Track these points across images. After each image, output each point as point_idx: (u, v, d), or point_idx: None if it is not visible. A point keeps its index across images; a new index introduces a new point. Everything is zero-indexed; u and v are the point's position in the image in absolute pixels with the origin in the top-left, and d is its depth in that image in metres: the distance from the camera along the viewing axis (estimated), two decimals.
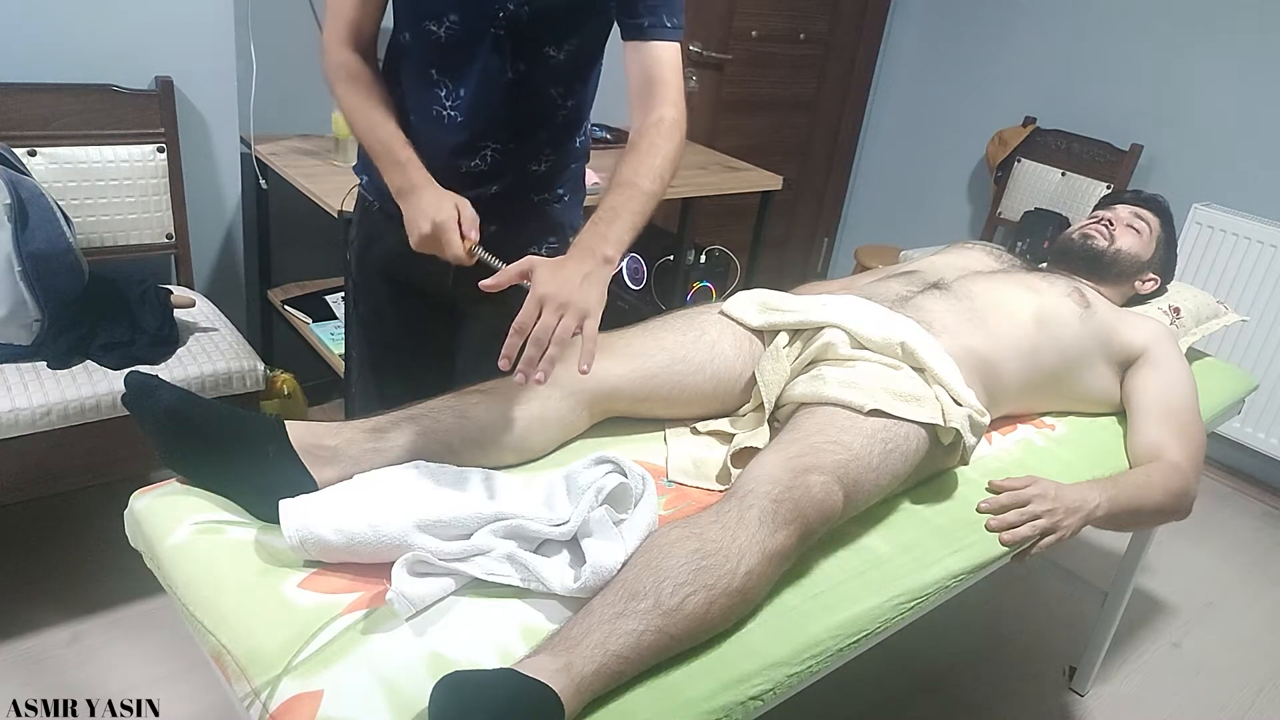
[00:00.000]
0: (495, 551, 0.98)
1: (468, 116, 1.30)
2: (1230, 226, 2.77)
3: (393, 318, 1.50)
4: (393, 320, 1.51)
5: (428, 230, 1.18)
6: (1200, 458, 1.44)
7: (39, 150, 1.86)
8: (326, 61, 1.30)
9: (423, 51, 1.28)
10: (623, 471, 1.06)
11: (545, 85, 1.32)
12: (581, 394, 1.23)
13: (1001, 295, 1.50)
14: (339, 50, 1.29)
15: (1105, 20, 3.04)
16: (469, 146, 1.32)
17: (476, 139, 1.32)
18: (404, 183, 1.23)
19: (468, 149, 1.32)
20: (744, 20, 3.18)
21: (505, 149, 1.34)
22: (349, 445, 1.07)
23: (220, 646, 0.89)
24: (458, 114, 1.30)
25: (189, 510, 1.02)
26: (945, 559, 1.17)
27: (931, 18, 3.53)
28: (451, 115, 1.30)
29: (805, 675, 0.99)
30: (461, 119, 1.30)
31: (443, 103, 1.30)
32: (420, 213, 1.19)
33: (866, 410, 1.19)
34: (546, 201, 1.42)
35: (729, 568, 0.96)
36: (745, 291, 1.47)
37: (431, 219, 1.18)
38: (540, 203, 1.41)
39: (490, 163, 1.34)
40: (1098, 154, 3.02)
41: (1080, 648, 2.05)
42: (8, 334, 1.69)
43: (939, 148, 3.57)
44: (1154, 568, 2.49)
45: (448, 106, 1.30)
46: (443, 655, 0.89)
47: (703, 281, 2.90)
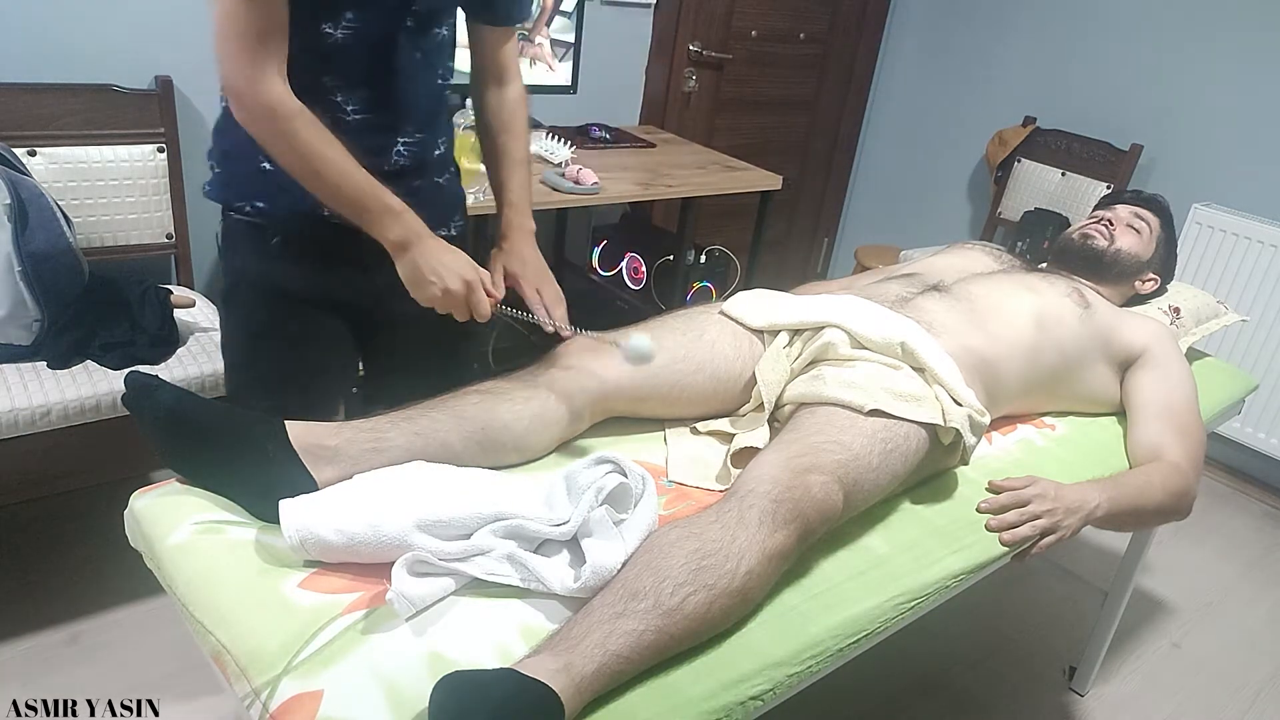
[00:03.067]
0: (495, 551, 0.98)
1: (376, 114, 1.26)
2: (1230, 226, 2.77)
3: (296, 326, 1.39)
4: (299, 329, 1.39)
5: (459, 289, 1.18)
6: (1200, 458, 1.44)
7: (39, 150, 1.86)
8: (256, 97, 1.11)
9: (312, 59, 1.18)
10: (623, 471, 1.06)
11: (437, 66, 1.33)
12: (582, 394, 1.23)
13: (1001, 296, 1.50)
14: (274, 82, 1.11)
15: (1105, 20, 3.04)
16: (382, 145, 1.28)
17: (388, 135, 1.29)
18: (406, 234, 1.19)
19: (381, 148, 1.28)
20: (744, 20, 3.18)
21: (414, 138, 1.32)
22: (349, 445, 1.07)
23: (220, 646, 0.89)
24: (364, 115, 1.25)
25: (189, 510, 1.02)
26: (945, 559, 1.17)
27: (931, 17, 3.53)
28: (356, 119, 1.25)
29: (805, 675, 0.99)
30: (370, 118, 1.26)
31: (343, 108, 1.23)
32: (445, 269, 1.18)
33: (866, 410, 1.19)
34: (450, 180, 1.44)
35: (729, 568, 0.96)
36: (745, 291, 1.47)
37: (462, 278, 1.18)
38: (446, 183, 1.42)
39: (407, 156, 1.32)
40: (1098, 154, 3.02)
41: (1080, 648, 2.05)
42: (8, 334, 1.69)
43: (939, 148, 3.57)
44: (1154, 568, 2.49)
45: (349, 111, 1.24)
46: (443, 655, 0.89)
47: (703, 281, 2.90)
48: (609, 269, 2.92)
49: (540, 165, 2.33)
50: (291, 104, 1.13)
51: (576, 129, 2.68)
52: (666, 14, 2.98)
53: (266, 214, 1.29)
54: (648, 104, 3.09)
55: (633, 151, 2.65)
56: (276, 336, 1.38)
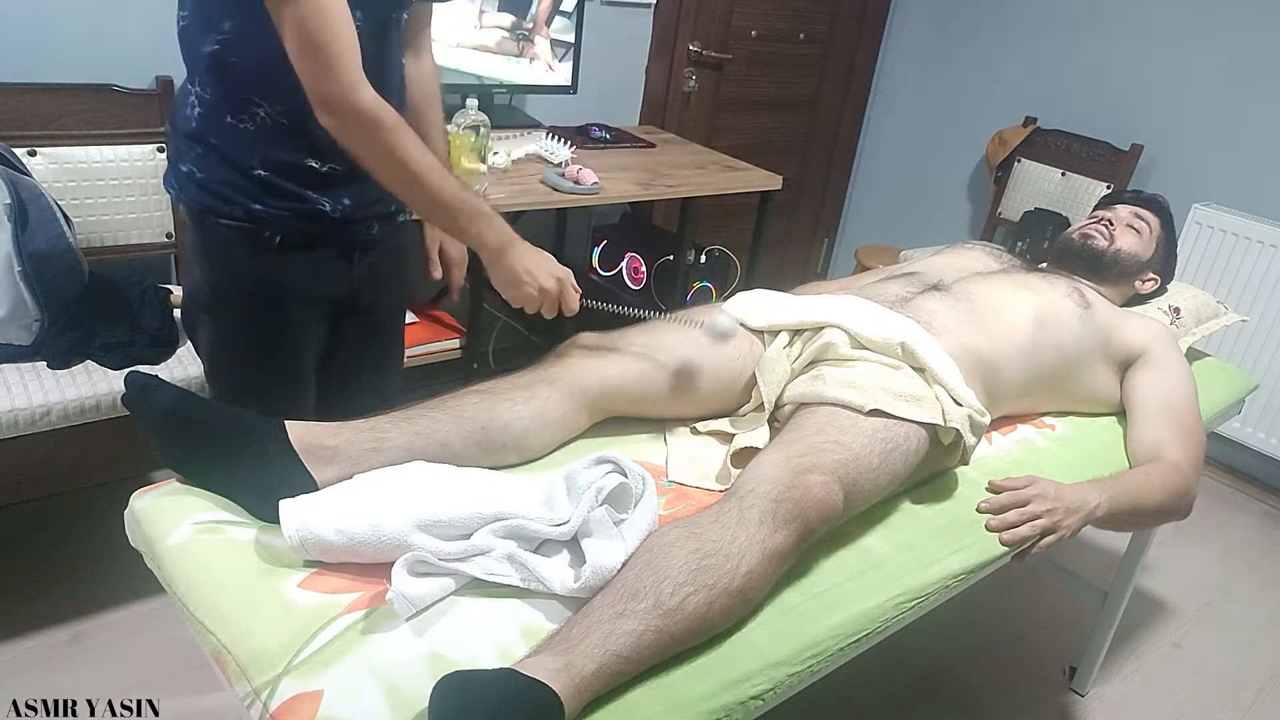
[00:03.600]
0: (495, 551, 0.98)
1: None
2: (1230, 226, 2.77)
3: (288, 325, 1.39)
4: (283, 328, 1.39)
5: (553, 288, 1.22)
6: (1200, 458, 1.44)
7: (39, 150, 1.86)
8: (358, 106, 1.11)
9: None
10: (623, 471, 1.06)
11: (400, 52, 1.34)
12: (581, 394, 1.23)
13: (1001, 296, 1.50)
14: (369, 90, 1.12)
15: (1105, 20, 3.04)
16: None
17: None
18: (501, 237, 1.21)
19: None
20: (743, 20, 3.18)
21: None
22: (349, 445, 1.07)
23: (220, 646, 0.89)
24: None
25: (189, 510, 1.02)
26: (945, 559, 1.17)
27: (931, 17, 3.53)
28: None
29: (805, 675, 0.99)
30: None
31: None
32: (539, 270, 1.22)
33: (867, 410, 1.19)
34: None
35: (729, 568, 0.96)
36: (745, 292, 1.47)
37: (556, 276, 1.23)
38: None
39: None
40: (1098, 154, 3.02)
41: (1080, 648, 2.05)
42: (7, 334, 1.69)
43: (939, 148, 3.57)
44: (1154, 568, 2.49)
45: None
46: (443, 655, 0.89)
47: (703, 281, 2.89)
48: (609, 269, 2.92)
49: (540, 165, 2.33)
50: (391, 113, 1.14)
51: (576, 129, 2.68)
52: (666, 14, 2.98)
53: (261, 216, 1.27)
54: (648, 104, 3.09)
55: (633, 151, 2.65)
56: (274, 340, 1.37)
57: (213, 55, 1.19)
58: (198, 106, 1.24)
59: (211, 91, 1.22)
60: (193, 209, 1.29)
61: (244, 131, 1.23)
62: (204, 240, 1.31)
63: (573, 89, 2.61)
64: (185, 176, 1.28)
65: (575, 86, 2.61)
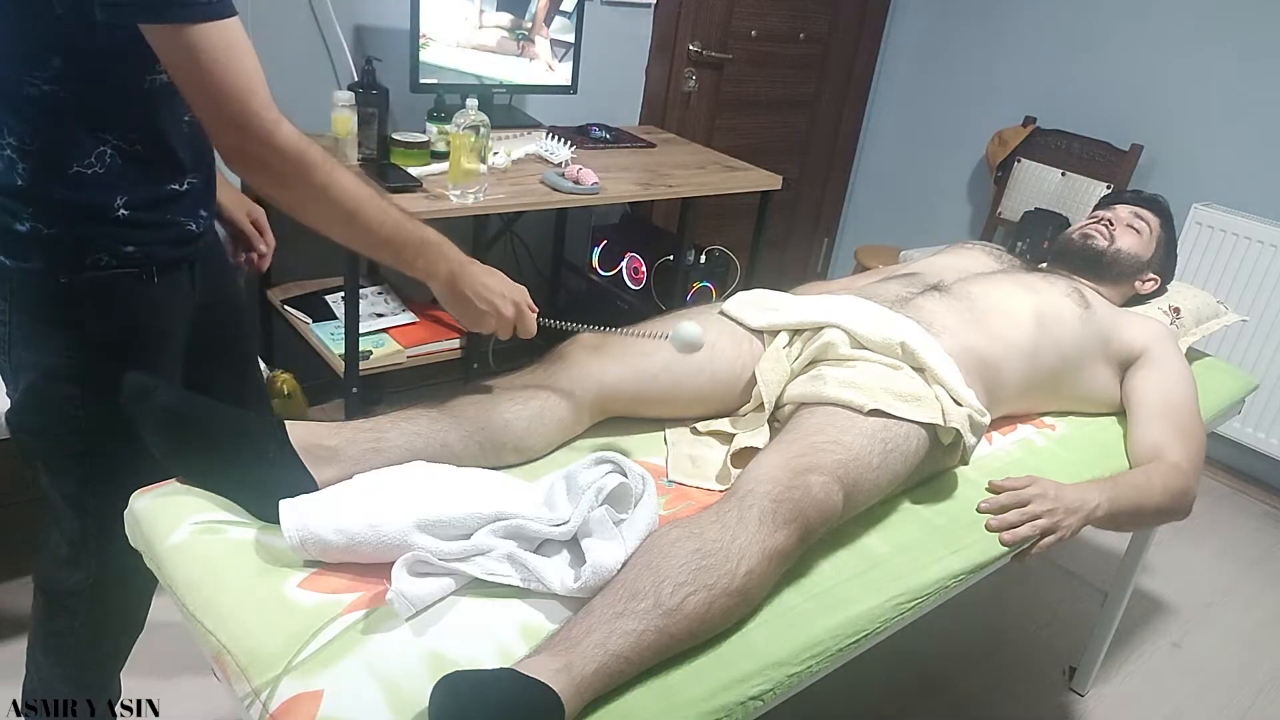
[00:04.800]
0: (495, 551, 0.98)
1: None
2: (1230, 226, 2.77)
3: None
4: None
5: (511, 314, 1.18)
6: (1200, 458, 1.44)
7: None
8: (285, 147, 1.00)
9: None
10: (623, 471, 1.06)
11: None
12: (581, 394, 1.23)
13: (1001, 296, 1.50)
14: (285, 124, 1.01)
15: (1105, 20, 3.04)
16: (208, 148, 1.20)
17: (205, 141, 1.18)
18: (453, 264, 1.14)
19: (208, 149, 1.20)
20: (743, 20, 3.18)
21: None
22: (349, 445, 1.07)
23: (220, 646, 0.89)
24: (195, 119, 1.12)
25: (189, 510, 1.02)
26: (945, 559, 1.17)
27: (931, 18, 3.53)
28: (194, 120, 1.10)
29: (805, 675, 0.99)
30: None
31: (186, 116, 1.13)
32: (495, 296, 1.17)
33: (867, 410, 1.19)
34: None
35: (729, 568, 0.96)
36: (745, 292, 1.47)
37: (512, 300, 1.18)
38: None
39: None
40: (1098, 154, 3.02)
41: (1080, 648, 2.05)
42: None
43: (939, 147, 3.57)
44: (1154, 568, 2.49)
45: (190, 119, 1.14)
46: (443, 655, 0.89)
47: (703, 281, 2.89)
48: (609, 269, 2.92)
49: (540, 165, 2.33)
50: (315, 147, 1.04)
51: (576, 129, 2.68)
52: (666, 14, 2.98)
53: (135, 257, 1.12)
54: (648, 104, 3.09)
55: (633, 151, 2.65)
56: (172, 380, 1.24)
57: (43, 98, 1.02)
58: (19, 161, 1.04)
59: (39, 140, 1.04)
60: (55, 269, 1.08)
61: (92, 176, 1.06)
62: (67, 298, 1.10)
63: (573, 89, 2.61)
64: (35, 236, 1.07)
65: (575, 86, 2.61)
